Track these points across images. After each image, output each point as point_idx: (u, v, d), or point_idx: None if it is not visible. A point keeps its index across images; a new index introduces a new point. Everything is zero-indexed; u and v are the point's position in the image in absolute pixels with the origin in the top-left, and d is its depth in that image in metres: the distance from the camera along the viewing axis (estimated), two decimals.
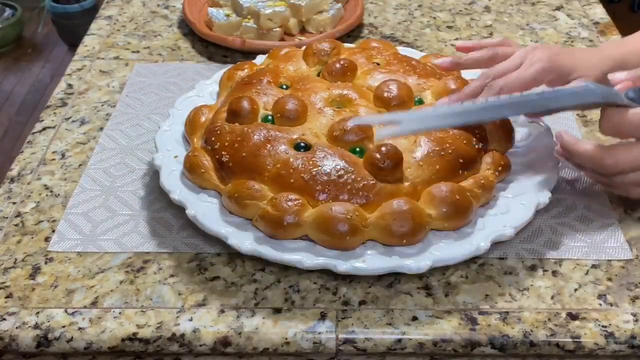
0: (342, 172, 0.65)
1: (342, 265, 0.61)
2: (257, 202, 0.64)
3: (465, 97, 0.70)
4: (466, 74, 0.81)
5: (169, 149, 0.72)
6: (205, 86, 0.83)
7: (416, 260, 0.61)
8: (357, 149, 0.68)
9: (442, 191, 0.64)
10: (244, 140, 0.68)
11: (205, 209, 0.66)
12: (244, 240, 0.63)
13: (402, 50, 0.87)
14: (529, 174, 0.70)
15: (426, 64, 0.81)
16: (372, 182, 0.64)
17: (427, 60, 0.83)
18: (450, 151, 0.67)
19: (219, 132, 0.70)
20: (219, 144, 0.69)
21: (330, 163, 0.65)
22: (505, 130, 0.72)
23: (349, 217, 0.61)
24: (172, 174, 0.69)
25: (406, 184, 0.65)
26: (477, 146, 0.69)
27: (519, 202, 0.67)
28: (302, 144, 0.68)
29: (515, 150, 0.74)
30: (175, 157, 0.71)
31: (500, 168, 0.69)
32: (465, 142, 0.69)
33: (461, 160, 0.67)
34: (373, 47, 0.84)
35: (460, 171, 0.67)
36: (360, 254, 0.62)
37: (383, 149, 0.65)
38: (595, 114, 0.85)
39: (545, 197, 0.67)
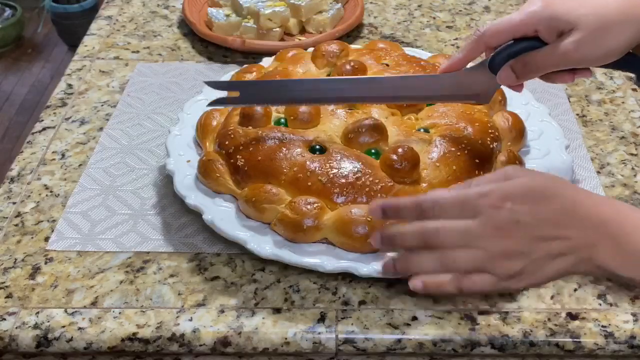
0: (359, 174, 0.65)
1: (364, 268, 0.61)
2: (275, 206, 0.64)
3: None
4: None
5: (180, 153, 0.72)
6: (213, 89, 0.82)
7: None
8: (373, 151, 0.68)
9: None
10: (258, 144, 0.68)
11: (222, 214, 0.65)
12: (264, 244, 0.62)
13: (409, 50, 0.87)
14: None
15: (435, 64, 0.81)
16: (390, 183, 0.64)
17: (435, 60, 0.83)
18: (466, 151, 0.68)
19: (232, 135, 0.70)
20: (233, 147, 0.69)
21: (347, 165, 0.65)
22: (518, 129, 0.73)
23: (369, 219, 0.61)
24: (186, 178, 0.69)
25: (423, 184, 0.65)
26: (491, 145, 0.70)
27: None
28: (317, 147, 0.68)
29: (526, 149, 0.74)
30: (188, 161, 0.71)
31: None
32: (480, 141, 0.69)
33: (477, 160, 0.68)
34: (380, 48, 0.84)
35: (476, 171, 0.67)
36: (382, 256, 0.62)
37: (400, 150, 0.65)
38: (594, 114, 0.85)
39: None
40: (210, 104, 0.70)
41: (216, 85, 0.71)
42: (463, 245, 0.55)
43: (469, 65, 0.67)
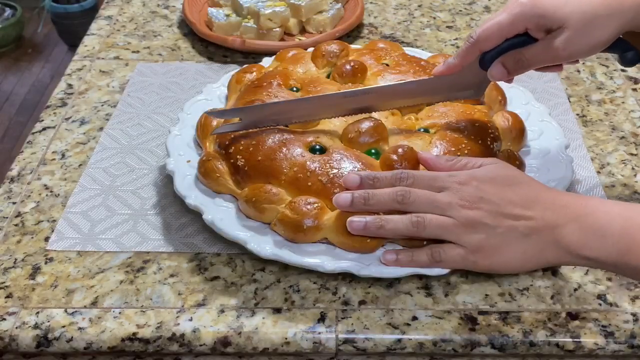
0: None
1: (364, 268, 0.61)
2: (275, 206, 0.64)
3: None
4: None
5: (180, 153, 0.72)
6: (213, 89, 0.82)
7: None
8: (373, 151, 0.68)
9: None
10: (258, 144, 0.68)
11: (222, 214, 0.65)
12: (264, 244, 0.62)
13: (409, 50, 0.87)
14: (543, 173, 0.70)
15: (435, 64, 0.80)
16: None
17: (435, 60, 0.83)
18: (466, 151, 0.68)
19: (232, 135, 0.70)
20: (233, 147, 0.69)
21: (347, 165, 0.65)
22: (518, 129, 0.73)
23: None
24: (186, 178, 0.69)
25: None
26: (491, 145, 0.70)
27: None
28: (317, 147, 0.68)
29: (527, 149, 0.74)
30: (188, 161, 0.71)
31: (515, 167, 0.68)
32: (480, 141, 0.69)
33: None
34: (380, 47, 0.84)
35: None
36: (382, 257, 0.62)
37: (400, 150, 0.65)
38: (594, 114, 0.86)
39: None
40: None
41: (217, 114, 0.72)
42: (433, 212, 0.59)
43: None
